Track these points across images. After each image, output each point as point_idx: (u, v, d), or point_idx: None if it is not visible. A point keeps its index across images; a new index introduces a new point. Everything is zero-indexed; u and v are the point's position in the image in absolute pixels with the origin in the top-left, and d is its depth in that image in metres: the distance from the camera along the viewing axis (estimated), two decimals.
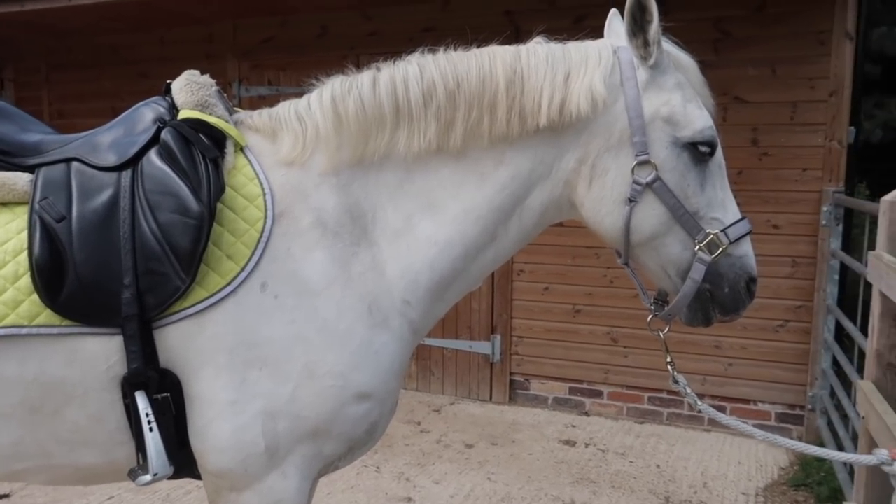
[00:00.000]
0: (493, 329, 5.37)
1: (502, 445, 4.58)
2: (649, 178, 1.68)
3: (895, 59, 13.39)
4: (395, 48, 1.77)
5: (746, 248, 1.76)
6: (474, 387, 5.48)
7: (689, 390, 1.86)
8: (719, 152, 1.75)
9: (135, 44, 6.33)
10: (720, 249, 1.70)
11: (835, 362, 4.35)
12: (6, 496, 3.76)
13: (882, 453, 1.66)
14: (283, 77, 5.83)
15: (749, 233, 1.76)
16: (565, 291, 5.16)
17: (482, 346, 5.40)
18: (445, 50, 1.75)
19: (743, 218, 1.76)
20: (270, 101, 1.85)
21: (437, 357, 5.57)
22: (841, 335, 4.42)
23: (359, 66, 1.77)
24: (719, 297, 1.75)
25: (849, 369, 3.68)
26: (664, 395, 4.97)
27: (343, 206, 1.67)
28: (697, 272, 1.71)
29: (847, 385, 4.02)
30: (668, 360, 1.89)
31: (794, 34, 4.44)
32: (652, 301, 1.87)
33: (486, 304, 5.36)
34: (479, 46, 1.77)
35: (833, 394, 4.31)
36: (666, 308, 1.81)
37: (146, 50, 6.28)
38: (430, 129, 1.68)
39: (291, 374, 1.58)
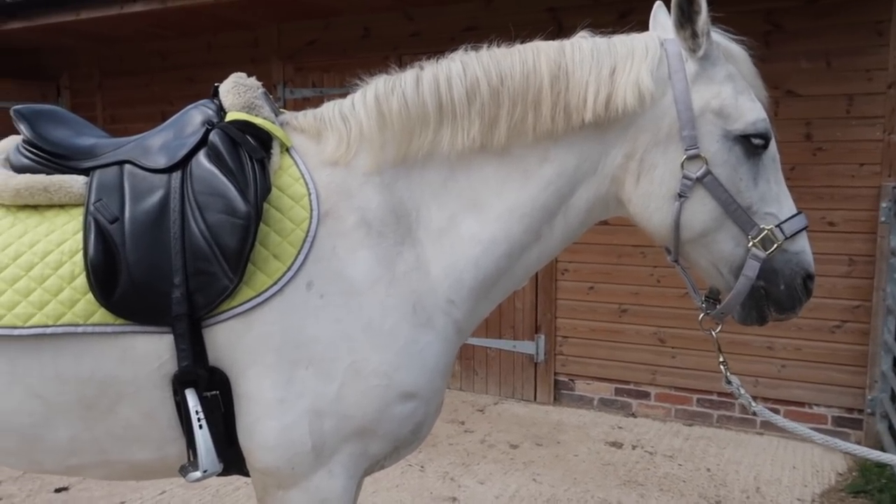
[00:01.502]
0: (537, 328, 5.32)
1: (547, 446, 4.53)
2: (700, 173, 1.63)
3: None
4: (438, 48, 1.77)
5: (803, 244, 1.70)
6: (518, 387, 5.45)
7: (742, 391, 1.81)
8: (773, 145, 1.70)
9: (182, 49, 6.49)
10: (775, 245, 1.65)
11: (895, 364, 4.18)
12: (65, 489, 3.89)
13: None
14: (327, 79, 5.89)
15: (805, 228, 1.70)
16: (611, 291, 5.09)
17: (526, 346, 5.36)
18: (488, 47, 1.73)
19: (799, 213, 1.70)
20: (314, 103, 1.86)
21: (480, 356, 5.55)
22: None
23: (402, 67, 1.77)
24: (774, 295, 1.69)
25: None
26: (714, 397, 4.86)
27: (387, 206, 1.67)
28: (751, 269, 1.66)
29: None
30: (721, 359, 1.84)
31: (850, 25, 4.28)
32: (703, 299, 1.82)
33: (530, 304, 5.32)
34: (522, 43, 1.75)
35: (894, 397, 4.14)
36: (718, 307, 1.76)
37: (193, 55, 6.43)
38: (474, 126, 1.67)
39: (337, 372, 1.58)
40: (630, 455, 4.40)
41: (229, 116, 1.70)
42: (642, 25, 1.84)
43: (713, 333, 1.81)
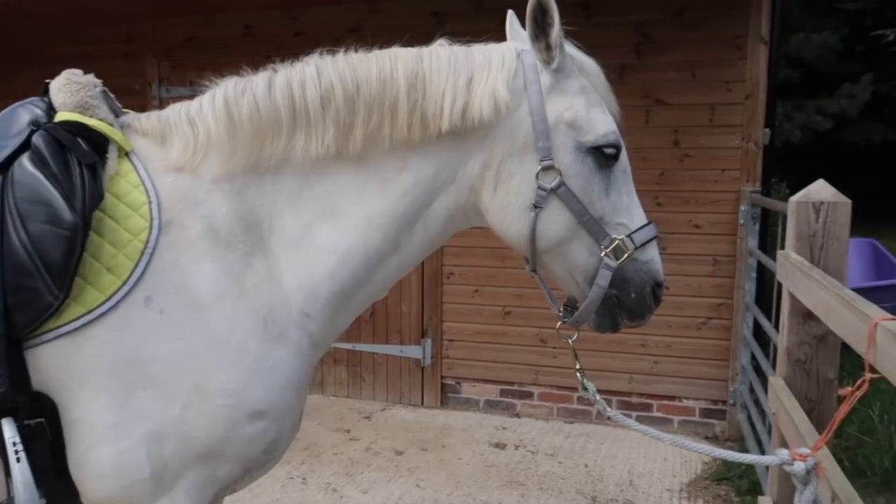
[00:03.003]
0: (423, 333, 5.32)
1: (432, 451, 4.53)
2: (554, 184, 1.65)
3: (813, 63, 14.03)
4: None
5: (652, 253, 1.76)
6: (406, 392, 5.42)
7: (598, 397, 1.85)
8: (624, 157, 1.74)
9: (47, 42, 6.02)
10: (626, 255, 1.69)
11: (753, 358, 4.47)
12: None
13: (783, 453, 1.68)
14: (206, 78, 5.62)
15: (655, 237, 1.76)
16: (495, 293, 5.16)
17: (413, 351, 5.34)
18: (346, 52, 1.69)
19: (649, 223, 1.75)
20: None
21: (367, 363, 5.48)
22: (759, 331, 4.55)
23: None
24: (626, 303, 1.74)
25: (765, 365, 3.78)
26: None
27: (236, 214, 1.59)
28: (604, 278, 1.70)
29: (765, 380, 4.13)
30: (578, 366, 1.88)
31: (712, 38, 4.55)
32: (561, 307, 1.85)
33: (417, 308, 5.31)
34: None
35: (752, 389, 4.43)
36: (575, 314, 1.79)
37: (59, 49, 5.97)
38: (329, 133, 1.62)
39: (179, 393, 1.49)
40: (513, 455, 4.47)
41: (59, 117, 1.57)
42: None
43: (570, 340, 1.85)
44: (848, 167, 13.52)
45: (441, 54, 1.67)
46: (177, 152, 1.61)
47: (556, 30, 1.62)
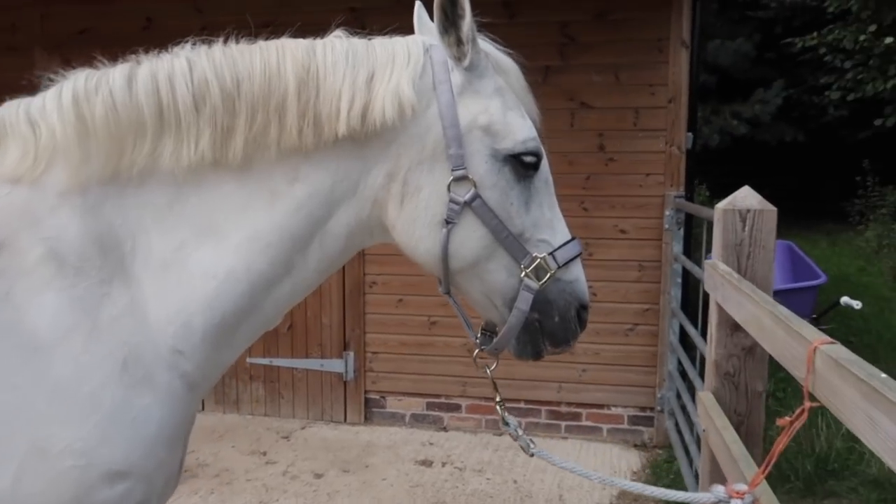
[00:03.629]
0: (345, 345, 5.05)
1: (355, 472, 4.28)
2: (468, 197, 1.46)
3: (728, 69, 14.49)
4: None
5: (577, 273, 1.59)
6: (327, 408, 5.14)
7: (520, 432, 1.67)
8: (545, 167, 1.57)
9: None
10: (548, 275, 1.52)
11: (680, 364, 4.43)
12: None
13: (719, 490, 1.54)
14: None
15: (579, 255, 1.59)
16: (420, 303, 4.94)
17: (334, 364, 5.07)
18: (225, 42, 1.44)
19: (573, 239, 1.58)
20: None
21: (286, 379, 5.17)
22: (685, 337, 4.51)
23: None
24: (549, 328, 1.57)
25: (692, 373, 3.71)
26: (521, 405, 4.89)
27: (90, 234, 1.33)
28: (524, 301, 1.51)
29: (692, 387, 4.08)
30: (498, 399, 1.69)
31: (634, 41, 4.48)
32: (479, 333, 1.66)
33: (338, 319, 5.04)
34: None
35: (679, 395, 4.38)
36: (493, 341, 1.61)
37: None
38: (204, 137, 1.37)
39: (14, 454, 1.22)
40: (440, 473, 4.27)
41: None
42: None
43: (489, 371, 1.66)
44: (763, 169, 14.03)
45: (337, 47, 1.45)
46: (12, 160, 1.33)
47: (467, 22, 1.42)
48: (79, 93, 1.36)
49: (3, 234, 1.26)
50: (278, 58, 1.41)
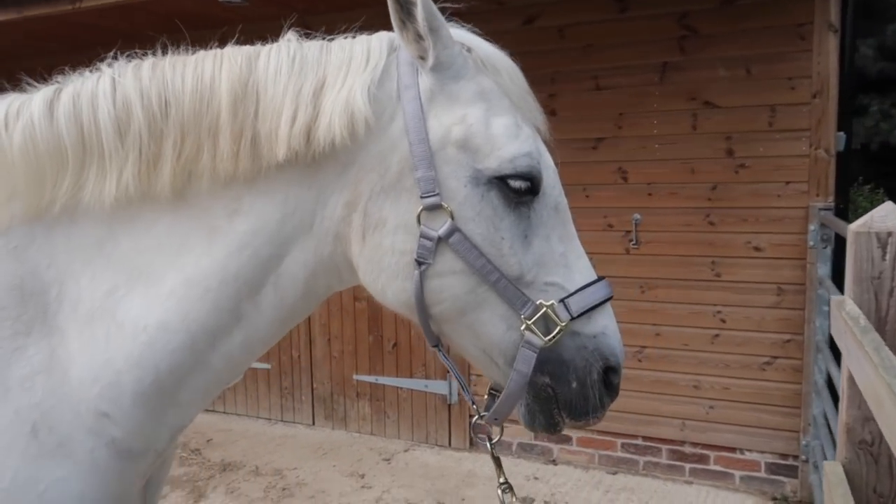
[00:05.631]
0: None
1: None
2: (442, 231, 1.16)
3: None
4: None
5: (604, 324, 1.23)
6: (432, 431, 4.94)
7: None
8: (552, 189, 1.23)
9: None
10: (559, 327, 1.17)
11: (833, 404, 3.73)
12: None
13: None
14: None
15: (607, 300, 1.23)
16: None
17: (439, 386, 4.86)
18: (156, 54, 1.25)
19: (597, 280, 1.22)
20: None
21: (391, 398, 5.04)
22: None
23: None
24: (564, 396, 1.23)
25: (835, 423, 3.06)
26: (639, 442, 4.38)
27: (10, 280, 1.18)
28: (524, 362, 1.19)
29: None
30: (501, 480, 1.36)
31: (769, 28, 3.86)
32: (486, 394, 1.35)
33: None
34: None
35: (830, 443, 3.69)
36: (493, 407, 1.28)
37: None
38: (128, 167, 1.18)
39: None
40: None
41: None
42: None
43: (489, 444, 1.33)
44: None
45: (283, 54, 1.21)
46: None
47: (421, 10, 1.12)
48: None
49: None
50: (213, 70, 1.20)
